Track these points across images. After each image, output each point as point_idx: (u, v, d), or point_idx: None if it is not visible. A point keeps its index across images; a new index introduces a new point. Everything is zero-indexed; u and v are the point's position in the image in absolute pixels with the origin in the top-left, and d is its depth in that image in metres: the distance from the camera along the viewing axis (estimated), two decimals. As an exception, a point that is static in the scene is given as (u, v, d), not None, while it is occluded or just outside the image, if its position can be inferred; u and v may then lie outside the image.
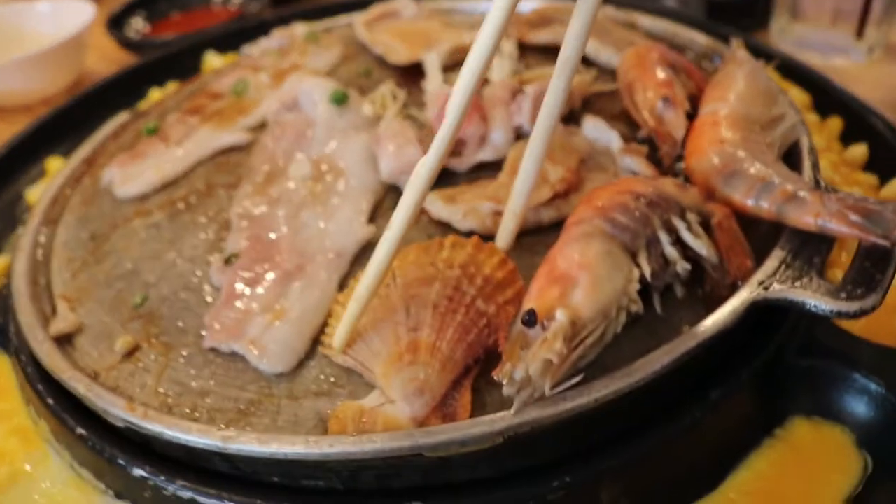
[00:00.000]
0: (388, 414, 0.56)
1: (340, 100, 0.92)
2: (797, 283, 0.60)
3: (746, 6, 1.29)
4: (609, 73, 0.98)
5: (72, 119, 1.17)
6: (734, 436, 0.63)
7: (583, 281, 0.57)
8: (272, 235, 0.77)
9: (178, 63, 1.31)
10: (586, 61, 1.00)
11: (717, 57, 1.00)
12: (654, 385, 0.56)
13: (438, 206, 0.76)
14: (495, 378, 0.53)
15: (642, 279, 0.61)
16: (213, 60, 1.30)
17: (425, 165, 0.57)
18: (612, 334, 0.58)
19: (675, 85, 0.85)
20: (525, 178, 0.68)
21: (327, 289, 0.71)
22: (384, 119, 0.89)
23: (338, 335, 0.63)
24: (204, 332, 0.69)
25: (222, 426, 0.60)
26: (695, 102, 0.84)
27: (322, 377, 0.65)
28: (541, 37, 1.07)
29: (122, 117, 1.09)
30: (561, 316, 0.53)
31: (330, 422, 0.59)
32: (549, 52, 1.03)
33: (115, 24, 1.53)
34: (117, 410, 0.62)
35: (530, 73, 0.96)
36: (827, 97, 0.99)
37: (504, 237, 0.72)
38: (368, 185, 0.82)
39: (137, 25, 1.58)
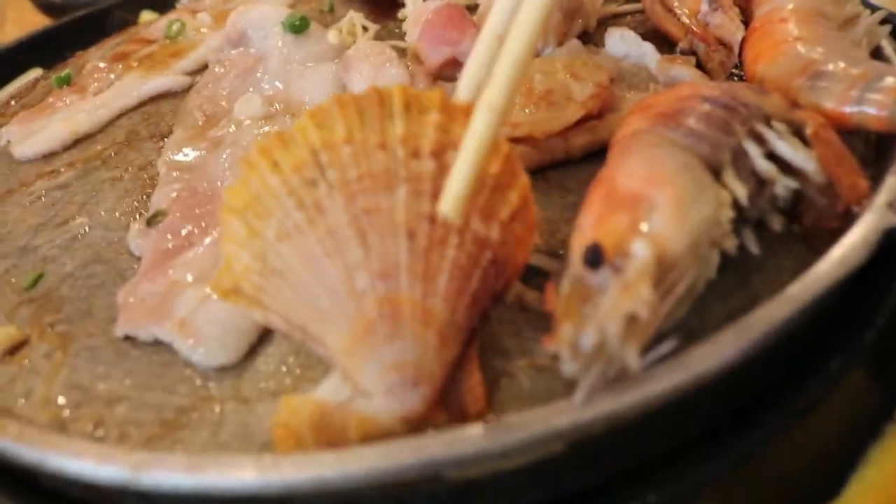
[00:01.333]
0: (364, 414, 0.36)
1: (298, 27, 0.73)
2: (941, 205, 0.44)
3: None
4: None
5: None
6: (854, 422, 0.48)
7: (662, 201, 0.38)
8: (212, 185, 0.57)
9: (109, 25, 1.10)
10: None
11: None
12: (766, 353, 0.39)
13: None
14: (550, 349, 0.34)
15: (734, 204, 0.43)
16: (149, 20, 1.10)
17: None
18: (704, 281, 0.40)
19: (718, -16, 0.68)
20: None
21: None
22: (355, 44, 0.70)
23: (448, 192, 0.36)
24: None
25: (138, 446, 0.41)
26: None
27: (284, 368, 0.46)
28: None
29: (32, 73, 0.89)
30: (643, 250, 0.35)
31: (275, 432, 0.38)
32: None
33: (35, -14, 1.32)
34: (-21, 432, 0.43)
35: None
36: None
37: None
38: (337, 121, 0.63)
39: (62, -13, 1.37)
